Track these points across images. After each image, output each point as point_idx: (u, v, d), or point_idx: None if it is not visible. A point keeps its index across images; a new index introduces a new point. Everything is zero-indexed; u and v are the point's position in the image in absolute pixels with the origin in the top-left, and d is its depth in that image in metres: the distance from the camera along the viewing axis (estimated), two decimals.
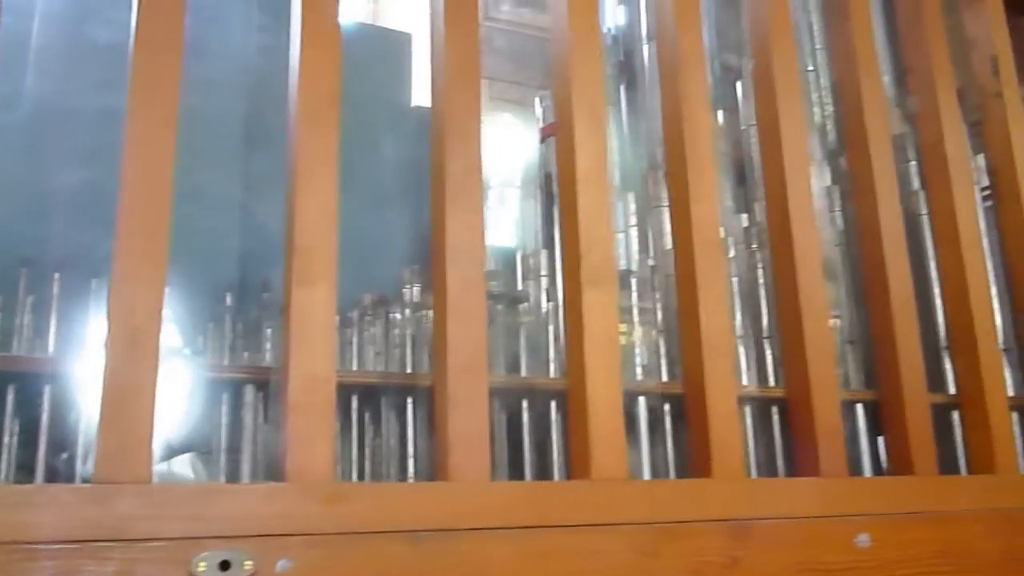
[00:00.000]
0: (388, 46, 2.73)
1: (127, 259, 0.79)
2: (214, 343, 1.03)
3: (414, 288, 1.53)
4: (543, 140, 2.05)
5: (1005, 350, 1.56)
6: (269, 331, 1.14)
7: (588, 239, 0.98)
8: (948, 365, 1.39)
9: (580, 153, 0.99)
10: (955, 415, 1.32)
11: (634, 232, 1.58)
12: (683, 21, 1.11)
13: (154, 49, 0.84)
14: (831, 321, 1.48)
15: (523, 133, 3.11)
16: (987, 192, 1.50)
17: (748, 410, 1.30)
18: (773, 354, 1.43)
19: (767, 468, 1.33)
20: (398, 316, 1.20)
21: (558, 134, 1.02)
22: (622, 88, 2.02)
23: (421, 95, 2.79)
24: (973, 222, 1.25)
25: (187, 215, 0.92)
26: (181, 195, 0.85)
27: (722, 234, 1.48)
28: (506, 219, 1.95)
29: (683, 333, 1.05)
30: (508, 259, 1.77)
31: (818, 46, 1.76)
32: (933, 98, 1.26)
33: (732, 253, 1.37)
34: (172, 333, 1.06)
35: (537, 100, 2.16)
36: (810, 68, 1.75)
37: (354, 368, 1.11)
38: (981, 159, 1.48)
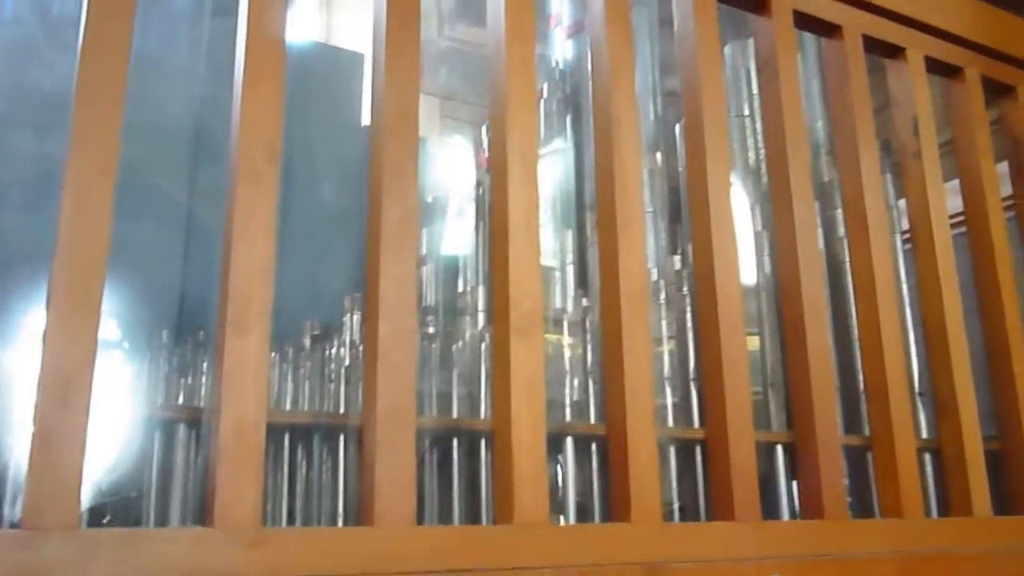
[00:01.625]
0: (339, 66, 2.75)
1: (61, 306, 0.80)
2: (149, 380, 1.05)
3: (354, 316, 1.55)
4: (488, 170, 2.09)
5: (920, 394, 1.64)
6: (204, 365, 1.16)
7: (518, 290, 1.01)
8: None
9: (512, 204, 1.02)
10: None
11: (571, 270, 1.63)
12: (617, 77, 1.15)
13: (95, 101, 0.86)
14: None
15: (472, 154, 3.12)
16: (908, 235, 1.57)
17: (672, 451, 1.36)
18: (700, 396, 1.48)
19: (691, 507, 1.38)
20: (334, 352, 1.23)
21: (491, 183, 1.06)
22: (567, 121, 2.07)
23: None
24: (890, 276, 1.31)
25: (124, 253, 0.94)
26: (119, 233, 0.87)
27: (655, 275, 1.54)
28: (460, 232, 1.97)
29: (607, 381, 1.09)
30: (455, 270, 1.80)
31: (755, 91, 1.82)
32: (855, 156, 1.32)
33: (663, 296, 1.42)
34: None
35: (484, 129, 2.19)
36: (746, 113, 1.81)
37: (288, 407, 1.14)
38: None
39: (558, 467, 1.31)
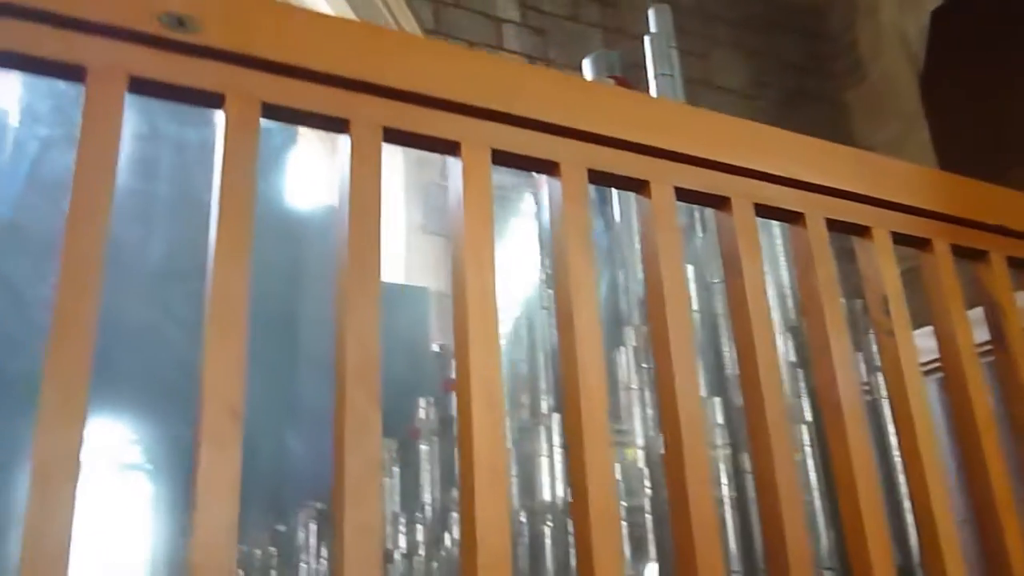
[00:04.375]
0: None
1: None
2: None
3: (310, 526, 1.56)
4: (446, 392, 2.10)
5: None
6: None
7: (485, 528, 1.02)
8: None
9: (478, 459, 1.03)
10: None
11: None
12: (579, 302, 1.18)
13: (64, 386, 0.89)
14: None
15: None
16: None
17: None
18: None
19: None
20: None
21: (459, 437, 1.07)
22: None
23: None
24: (870, 464, 1.30)
25: None
26: None
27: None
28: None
29: None
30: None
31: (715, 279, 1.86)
32: (826, 344, 1.33)
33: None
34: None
35: (436, 348, 2.23)
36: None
37: None
38: None
39: None
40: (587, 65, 2.65)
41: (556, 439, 1.63)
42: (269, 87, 1.09)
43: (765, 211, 1.40)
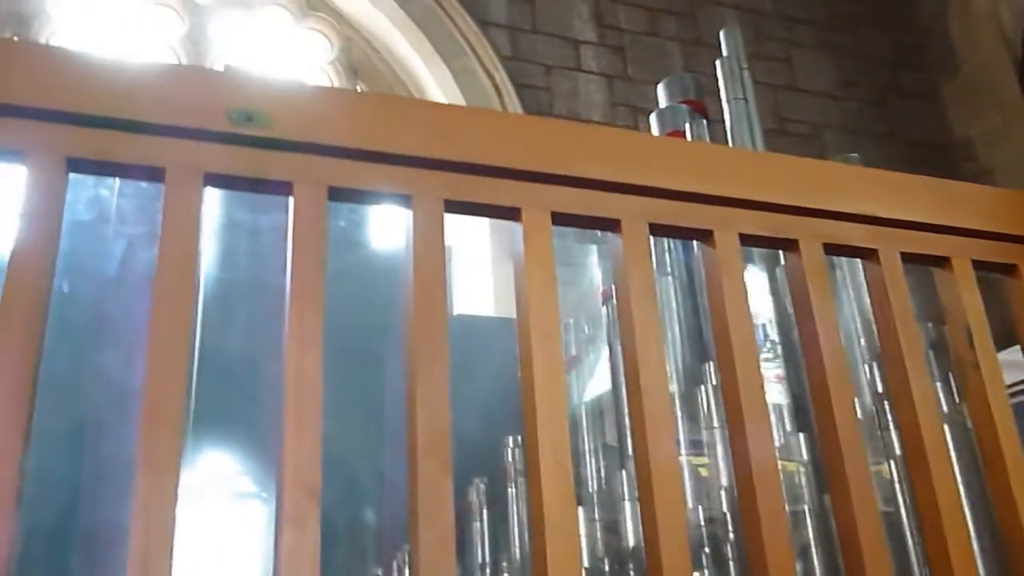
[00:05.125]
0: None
1: None
2: None
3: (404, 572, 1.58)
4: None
5: None
6: None
7: None
8: None
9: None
10: None
11: None
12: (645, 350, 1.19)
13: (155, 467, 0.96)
14: None
15: None
16: None
17: None
18: None
19: None
20: None
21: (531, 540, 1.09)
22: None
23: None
24: (956, 503, 1.27)
25: None
26: None
27: None
28: None
29: None
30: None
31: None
32: (906, 384, 1.31)
33: None
34: None
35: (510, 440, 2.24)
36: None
37: None
38: None
39: None
40: (661, 91, 2.64)
41: None
42: (334, 172, 1.14)
43: (835, 249, 1.38)
